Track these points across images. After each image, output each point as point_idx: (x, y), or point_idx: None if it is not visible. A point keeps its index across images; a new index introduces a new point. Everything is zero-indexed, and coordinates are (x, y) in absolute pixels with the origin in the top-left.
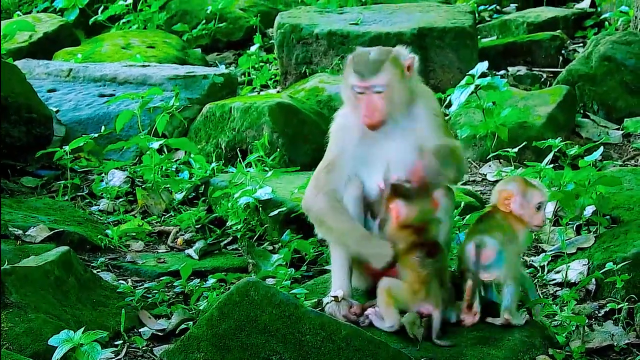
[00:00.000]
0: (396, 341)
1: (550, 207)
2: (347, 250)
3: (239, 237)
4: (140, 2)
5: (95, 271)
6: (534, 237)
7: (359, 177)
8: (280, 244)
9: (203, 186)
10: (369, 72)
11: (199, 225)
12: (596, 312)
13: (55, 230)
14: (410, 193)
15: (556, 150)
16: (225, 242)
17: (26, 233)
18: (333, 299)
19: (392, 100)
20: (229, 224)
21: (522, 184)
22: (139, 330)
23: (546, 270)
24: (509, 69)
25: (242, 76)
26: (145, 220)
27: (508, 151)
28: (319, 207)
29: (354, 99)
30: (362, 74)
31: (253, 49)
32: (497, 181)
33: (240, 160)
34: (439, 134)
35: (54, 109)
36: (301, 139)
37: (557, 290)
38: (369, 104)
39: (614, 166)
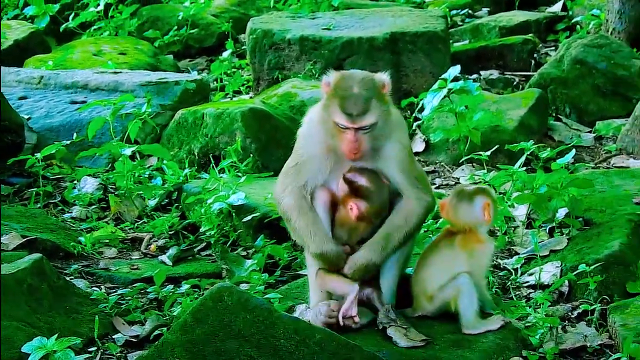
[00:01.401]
0: (372, 344)
1: (523, 210)
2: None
3: (212, 242)
4: (112, 8)
5: (68, 278)
6: (507, 239)
7: (327, 185)
8: (253, 250)
9: (176, 192)
10: (358, 113)
11: (173, 232)
12: (569, 313)
13: (28, 238)
14: (367, 191)
15: (528, 153)
16: (199, 248)
17: None
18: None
19: (376, 135)
20: (202, 229)
21: (485, 192)
22: (113, 336)
23: (519, 272)
24: (482, 72)
25: (215, 82)
26: (118, 227)
27: (481, 155)
28: (286, 203)
29: (336, 131)
30: (350, 114)
31: (225, 54)
32: (475, 184)
33: (213, 166)
34: (402, 165)
35: (26, 117)
36: (274, 144)
37: (530, 293)
38: (355, 142)
39: (586, 169)
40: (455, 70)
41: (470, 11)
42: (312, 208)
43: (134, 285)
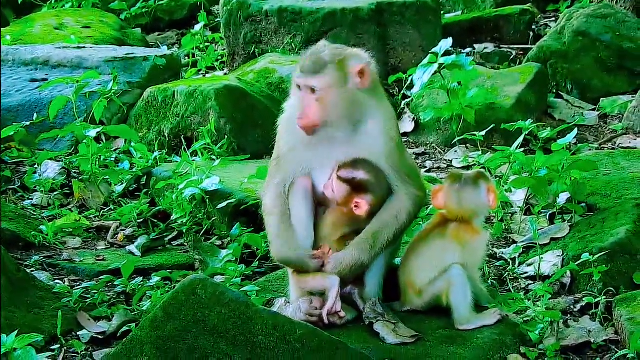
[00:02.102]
0: (358, 341)
1: (521, 195)
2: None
3: (184, 231)
4: None
5: (29, 270)
6: (504, 227)
7: (309, 174)
8: (229, 239)
9: (145, 177)
10: (310, 71)
11: (141, 220)
12: (571, 307)
13: None
14: (368, 183)
15: (527, 133)
16: (170, 237)
17: None
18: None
19: (327, 106)
20: (173, 217)
21: (485, 176)
22: (77, 333)
23: (517, 262)
24: (475, 46)
25: (186, 57)
26: (83, 214)
27: (475, 135)
28: (264, 203)
29: (297, 93)
30: (303, 70)
31: (197, 28)
32: (464, 167)
33: (185, 149)
34: (390, 160)
35: None
36: (251, 124)
37: (529, 284)
38: (304, 104)
39: (590, 150)
40: (446, 43)
41: None
42: (283, 209)
43: (100, 277)
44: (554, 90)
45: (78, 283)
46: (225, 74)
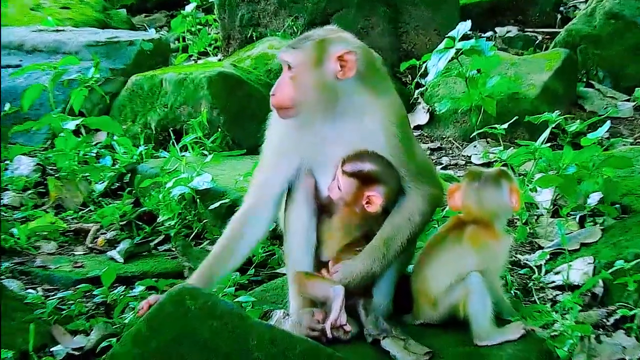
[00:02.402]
0: (363, 358)
1: (547, 195)
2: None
3: (172, 235)
4: None
5: None
6: (528, 231)
7: (311, 173)
8: None
9: (129, 174)
10: (289, 45)
11: (124, 222)
12: (604, 320)
13: None
14: (378, 173)
15: (554, 126)
16: (156, 241)
17: None
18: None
19: (300, 87)
20: (160, 219)
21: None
22: (52, 349)
23: (544, 270)
24: (497, 29)
25: (176, 42)
26: (59, 216)
27: (496, 128)
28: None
29: None
30: (285, 45)
31: (189, 8)
32: (484, 164)
33: (173, 143)
34: (396, 158)
35: None
36: (247, 116)
37: (557, 295)
38: (279, 81)
39: (624, 144)
40: (465, 26)
41: None
42: (236, 228)
43: (78, 286)
44: (584, 79)
45: (53, 292)
46: (219, 60)
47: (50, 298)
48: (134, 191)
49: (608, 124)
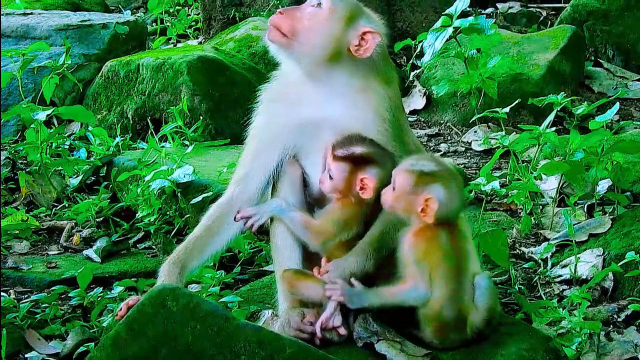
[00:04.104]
0: (357, 358)
1: (553, 183)
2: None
3: (152, 232)
4: None
5: None
6: (533, 221)
7: (298, 159)
8: None
9: (105, 167)
10: None
11: (101, 219)
12: (614, 316)
13: None
14: (372, 154)
15: (559, 109)
16: (135, 238)
17: None
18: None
19: (311, 26)
20: (139, 215)
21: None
22: (26, 355)
23: (550, 264)
24: (498, 5)
25: (153, 24)
26: (31, 213)
27: (498, 112)
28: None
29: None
30: None
31: None
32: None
33: (152, 133)
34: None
35: None
36: (230, 103)
37: (564, 290)
38: (296, 7)
39: (635, 128)
40: (463, 3)
41: None
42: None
43: (52, 288)
44: (592, 58)
45: (26, 295)
46: (200, 42)
47: (23, 301)
48: (110, 185)
49: (617, 105)
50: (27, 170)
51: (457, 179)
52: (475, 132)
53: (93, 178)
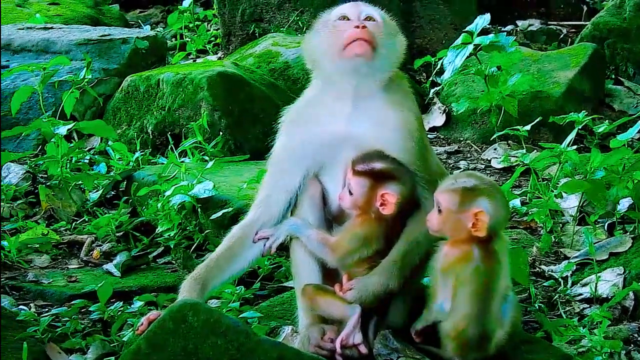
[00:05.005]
0: None
1: (574, 201)
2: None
3: (172, 247)
4: None
5: None
6: (553, 239)
7: (318, 176)
8: None
9: (125, 182)
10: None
11: (121, 233)
12: (635, 335)
13: None
14: (391, 170)
15: (580, 127)
16: (155, 253)
17: None
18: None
19: (384, 42)
20: (158, 230)
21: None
22: None
23: (570, 282)
24: (518, 23)
25: (173, 39)
26: (52, 227)
27: (518, 129)
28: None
29: (332, 31)
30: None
31: (186, 3)
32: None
33: (172, 148)
34: (416, 166)
35: None
36: (250, 118)
37: (584, 308)
38: (359, 30)
39: None
40: (484, 20)
41: None
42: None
43: (72, 302)
44: (613, 76)
45: (46, 309)
46: (220, 58)
47: (44, 315)
48: (130, 200)
49: (639, 124)
50: (47, 184)
51: (499, 190)
52: (495, 149)
53: (113, 192)
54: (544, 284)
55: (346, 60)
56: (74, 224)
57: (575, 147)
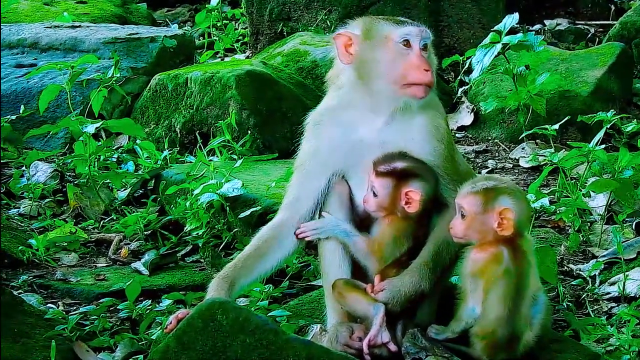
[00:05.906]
0: None
1: (602, 200)
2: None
3: (200, 245)
4: None
5: (16, 292)
6: (581, 238)
7: (345, 179)
8: None
9: (153, 180)
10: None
11: (149, 232)
12: None
13: None
14: (414, 169)
15: (608, 126)
16: (183, 252)
17: None
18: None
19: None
20: (187, 229)
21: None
22: None
23: (598, 281)
24: (546, 22)
25: (201, 38)
26: (80, 225)
27: (546, 129)
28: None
29: (393, 55)
30: (415, 24)
31: (214, 2)
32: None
33: (200, 147)
34: (440, 168)
35: None
36: (278, 117)
37: (612, 307)
38: (426, 73)
39: None
40: (512, 19)
41: None
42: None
43: (101, 301)
44: None
45: (74, 307)
46: (248, 57)
47: (72, 313)
48: (158, 199)
49: None
50: (75, 182)
51: (519, 189)
52: (523, 148)
53: (141, 191)
54: (572, 282)
55: (404, 94)
56: (102, 222)
57: (603, 146)
